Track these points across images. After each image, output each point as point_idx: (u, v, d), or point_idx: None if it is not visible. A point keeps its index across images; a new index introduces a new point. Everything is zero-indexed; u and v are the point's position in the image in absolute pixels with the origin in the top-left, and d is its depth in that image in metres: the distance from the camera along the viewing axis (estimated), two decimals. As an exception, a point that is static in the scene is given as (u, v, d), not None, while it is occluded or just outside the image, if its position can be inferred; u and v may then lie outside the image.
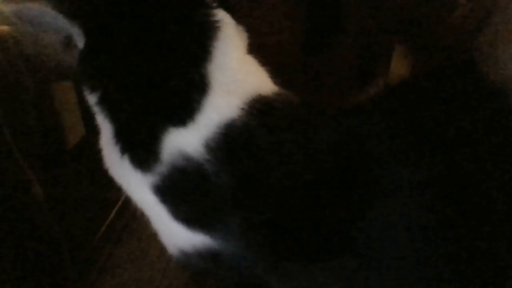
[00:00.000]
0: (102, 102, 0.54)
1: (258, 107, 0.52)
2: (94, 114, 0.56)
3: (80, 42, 0.53)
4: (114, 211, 1.08)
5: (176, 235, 0.56)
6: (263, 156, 0.51)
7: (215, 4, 0.55)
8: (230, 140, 0.51)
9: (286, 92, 0.56)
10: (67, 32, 0.53)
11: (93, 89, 0.54)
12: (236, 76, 0.53)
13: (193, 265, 0.58)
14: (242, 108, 0.52)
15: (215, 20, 0.54)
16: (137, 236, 1.04)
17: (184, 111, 0.52)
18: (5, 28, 0.68)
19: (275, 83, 0.57)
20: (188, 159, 0.51)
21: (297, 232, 0.53)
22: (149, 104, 0.53)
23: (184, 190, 0.53)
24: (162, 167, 0.52)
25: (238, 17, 0.57)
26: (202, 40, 0.53)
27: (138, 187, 0.55)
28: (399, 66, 0.91)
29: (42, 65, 0.78)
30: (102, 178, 0.58)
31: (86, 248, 0.99)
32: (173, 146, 0.52)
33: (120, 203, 1.08)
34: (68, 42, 0.54)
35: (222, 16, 0.55)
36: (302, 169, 0.52)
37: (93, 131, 0.58)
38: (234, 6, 0.58)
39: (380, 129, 0.53)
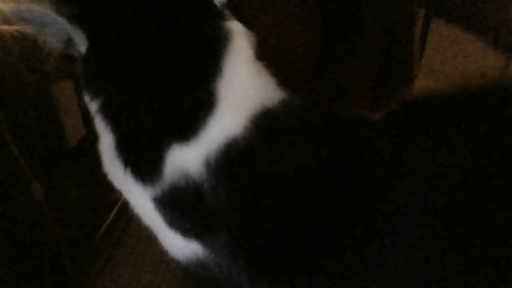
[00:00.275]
0: (103, 110, 0.53)
1: (261, 123, 0.51)
2: (94, 119, 0.55)
3: (82, 46, 0.52)
4: (114, 212, 1.08)
5: (172, 243, 0.56)
6: (261, 175, 0.50)
7: (227, 11, 0.53)
8: (230, 158, 0.50)
9: (293, 99, 0.54)
10: (68, 34, 0.51)
11: (94, 96, 0.53)
12: (244, 91, 0.52)
13: (190, 269, 0.58)
14: (246, 125, 0.50)
15: (226, 32, 0.52)
16: (136, 237, 1.04)
17: (188, 128, 0.50)
18: (5, 28, 0.68)
19: (284, 89, 0.55)
20: (188, 176, 0.50)
21: (288, 253, 0.52)
22: (153, 118, 0.51)
23: (181, 205, 0.52)
24: (163, 183, 0.52)
25: (246, 23, 0.55)
26: (212, 55, 0.51)
27: (137, 195, 0.55)
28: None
29: (42, 65, 0.78)
30: (102, 179, 0.58)
31: (86, 249, 0.99)
32: (175, 163, 0.51)
33: (120, 203, 1.08)
34: (68, 43, 0.53)
35: (233, 26, 0.53)
36: (298, 190, 0.51)
37: (93, 131, 0.58)
38: (243, 11, 0.56)
39: (391, 144, 0.52)
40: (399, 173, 0.50)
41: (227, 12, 0.54)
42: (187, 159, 0.50)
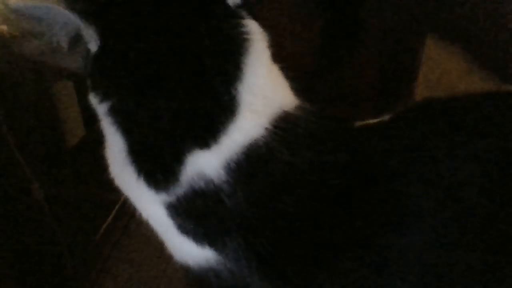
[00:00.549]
0: (114, 113, 0.50)
1: (281, 126, 0.50)
2: (100, 121, 0.53)
3: (92, 43, 0.49)
4: (114, 212, 1.08)
5: (183, 250, 0.55)
6: (281, 178, 0.50)
7: (243, 11, 0.51)
8: (251, 161, 0.49)
9: (308, 105, 0.53)
10: (76, 30, 0.49)
11: (104, 97, 0.50)
12: (264, 94, 0.51)
13: (196, 275, 0.57)
14: (266, 128, 0.49)
15: (245, 31, 0.50)
16: (136, 237, 1.04)
17: (209, 133, 0.49)
18: (5, 27, 0.68)
19: (296, 94, 0.55)
20: (207, 181, 0.49)
21: (305, 256, 0.52)
22: (171, 123, 0.49)
23: (198, 210, 0.51)
24: (179, 189, 0.51)
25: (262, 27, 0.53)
26: (233, 56, 0.49)
27: (149, 201, 0.54)
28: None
29: (43, 65, 0.78)
30: (102, 178, 0.57)
31: (86, 249, 0.99)
32: (193, 168, 0.50)
33: (120, 203, 1.08)
34: (76, 41, 0.50)
35: (252, 26, 0.51)
36: (316, 193, 0.50)
37: (93, 131, 0.57)
38: (257, 15, 0.53)
39: (401, 145, 0.52)
40: (408, 173, 0.50)
41: (243, 12, 0.52)
42: (205, 163, 0.49)
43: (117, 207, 1.07)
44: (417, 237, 0.49)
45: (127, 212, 1.03)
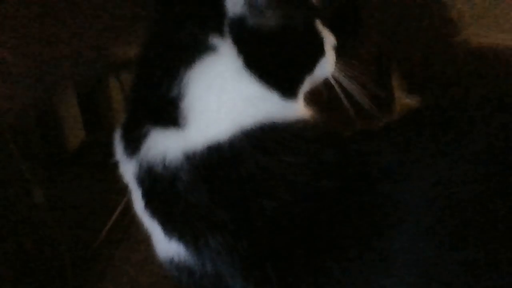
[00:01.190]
0: None
1: (258, 134, 0.51)
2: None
3: None
4: (115, 214, 1.08)
5: (155, 236, 0.55)
6: (259, 182, 0.50)
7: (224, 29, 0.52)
8: (214, 161, 0.50)
9: (305, 119, 0.55)
10: None
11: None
12: (226, 103, 0.52)
13: (168, 271, 0.56)
14: (235, 134, 0.50)
15: (207, 45, 0.51)
16: (138, 239, 1.04)
17: (168, 118, 0.52)
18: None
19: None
20: (164, 163, 0.51)
21: (292, 262, 0.51)
22: (141, 93, 0.55)
23: (157, 193, 0.52)
24: (141, 161, 0.52)
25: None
26: (175, 61, 0.52)
27: (126, 168, 0.55)
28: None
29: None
30: (103, 181, 0.57)
31: (87, 251, 0.99)
32: (153, 144, 0.52)
33: (121, 206, 1.08)
34: None
35: (223, 42, 0.52)
36: (304, 196, 0.50)
37: (94, 134, 0.57)
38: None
39: (393, 146, 0.52)
40: (399, 173, 0.50)
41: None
42: (165, 143, 0.51)
43: (118, 210, 1.07)
44: (411, 237, 0.49)
45: (128, 215, 1.03)
